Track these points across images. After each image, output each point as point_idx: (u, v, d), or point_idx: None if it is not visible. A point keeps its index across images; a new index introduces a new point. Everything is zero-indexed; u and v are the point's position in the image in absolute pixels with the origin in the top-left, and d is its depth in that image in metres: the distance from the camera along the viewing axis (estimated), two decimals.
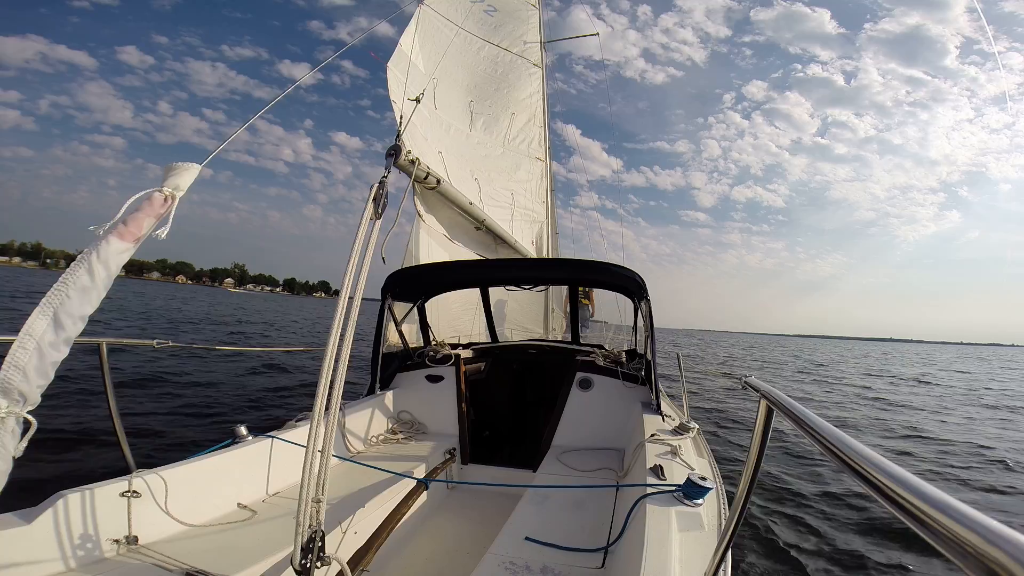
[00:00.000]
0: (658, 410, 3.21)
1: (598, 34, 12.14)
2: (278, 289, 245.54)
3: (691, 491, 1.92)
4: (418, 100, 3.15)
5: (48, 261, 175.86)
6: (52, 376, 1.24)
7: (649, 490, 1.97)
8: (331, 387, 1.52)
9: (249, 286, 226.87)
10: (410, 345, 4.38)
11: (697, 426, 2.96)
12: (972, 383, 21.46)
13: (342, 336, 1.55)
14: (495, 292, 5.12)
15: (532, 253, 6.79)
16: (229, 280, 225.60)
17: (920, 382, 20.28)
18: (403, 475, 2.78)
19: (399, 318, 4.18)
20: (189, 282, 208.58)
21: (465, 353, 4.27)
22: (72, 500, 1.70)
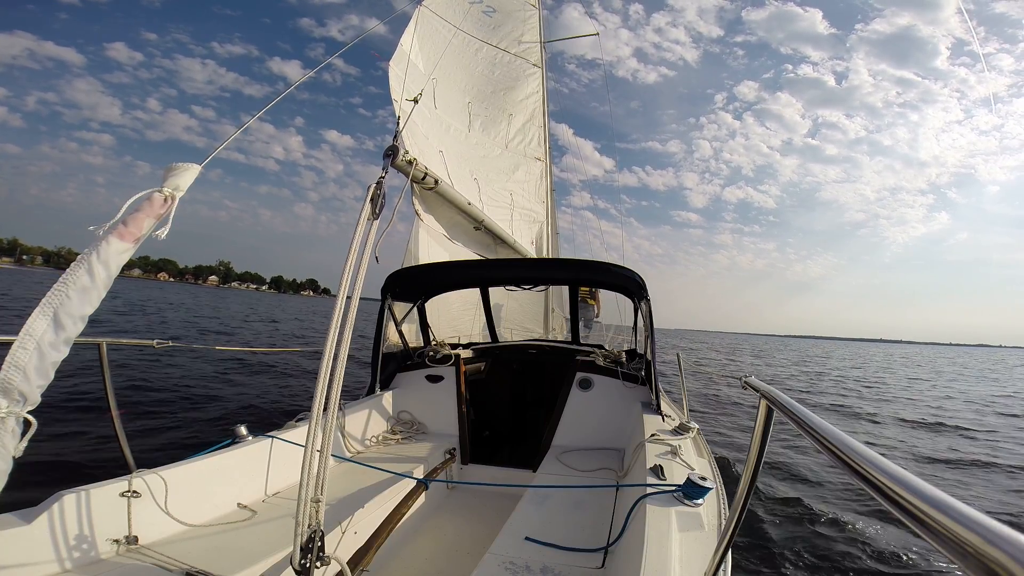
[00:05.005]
0: (658, 410, 3.21)
1: (598, 34, 12.17)
2: (264, 287, 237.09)
3: (691, 491, 1.92)
4: (416, 100, 3.15)
5: (24, 258, 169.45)
6: (52, 376, 1.24)
7: (649, 490, 1.97)
8: (330, 387, 1.52)
9: (234, 284, 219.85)
10: (410, 345, 4.38)
11: (697, 426, 2.96)
12: None
13: (341, 336, 1.55)
14: (495, 292, 5.12)
15: (532, 253, 6.79)
16: (213, 278, 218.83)
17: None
18: (403, 475, 2.78)
19: (399, 318, 4.18)
20: (171, 279, 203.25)
21: (465, 353, 4.27)
22: (72, 500, 1.70)
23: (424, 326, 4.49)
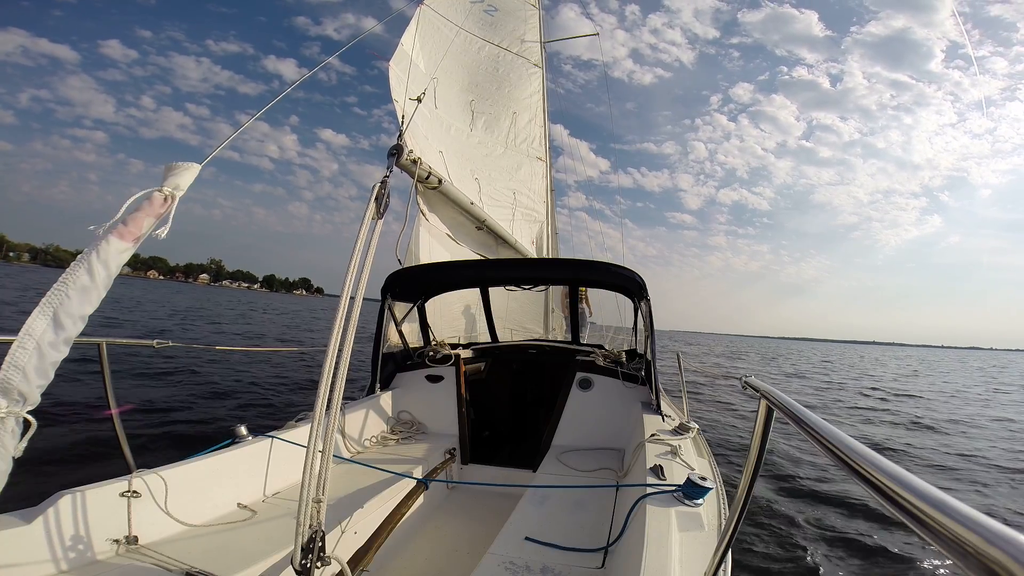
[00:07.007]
0: (658, 410, 3.22)
1: (597, 34, 12.15)
2: (256, 286, 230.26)
3: (691, 491, 1.92)
4: (419, 100, 3.15)
5: (11, 255, 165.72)
6: (52, 376, 1.23)
7: (649, 490, 1.97)
8: (331, 387, 1.52)
9: (225, 282, 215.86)
10: (410, 345, 4.38)
11: (697, 426, 2.96)
12: None
13: (343, 336, 1.55)
14: (495, 292, 5.12)
15: (532, 253, 6.78)
16: (204, 276, 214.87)
17: None
18: (403, 475, 2.78)
19: (399, 318, 4.18)
20: (161, 277, 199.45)
21: (465, 353, 4.27)
22: (72, 500, 1.70)
23: (424, 326, 4.49)
